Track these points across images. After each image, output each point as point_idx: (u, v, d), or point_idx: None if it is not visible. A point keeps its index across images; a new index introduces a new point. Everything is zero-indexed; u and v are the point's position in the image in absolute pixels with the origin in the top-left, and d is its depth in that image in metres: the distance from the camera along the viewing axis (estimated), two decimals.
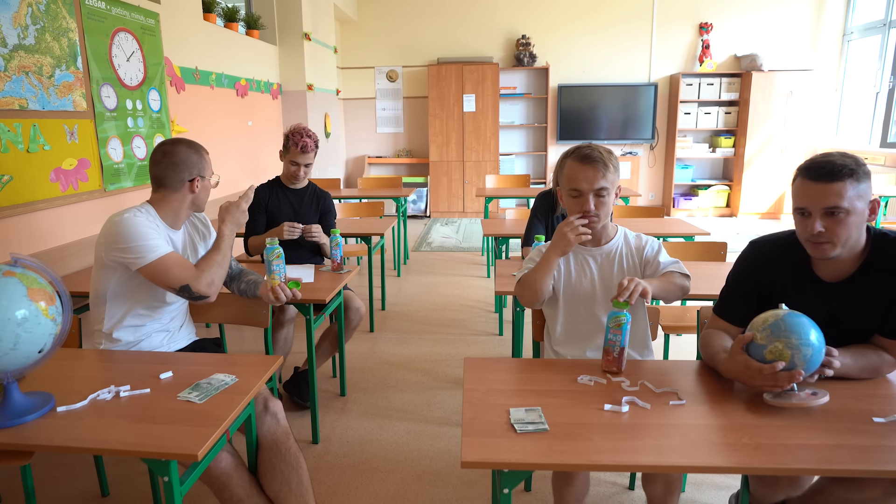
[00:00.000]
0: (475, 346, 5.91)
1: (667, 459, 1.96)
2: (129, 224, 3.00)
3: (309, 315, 3.94)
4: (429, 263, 9.26)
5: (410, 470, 3.86)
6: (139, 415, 2.28)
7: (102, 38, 5.17)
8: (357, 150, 13.69)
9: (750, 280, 2.70)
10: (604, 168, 2.84)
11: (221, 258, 3.24)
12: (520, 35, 12.69)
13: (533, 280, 2.93)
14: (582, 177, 2.86)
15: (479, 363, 2.73)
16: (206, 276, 3.14)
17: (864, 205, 2.36)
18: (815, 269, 2.55)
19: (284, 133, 4.91)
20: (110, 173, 5.24)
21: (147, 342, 3.21)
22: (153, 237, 3.03)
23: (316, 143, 4.94)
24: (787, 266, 2.61)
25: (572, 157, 2.93)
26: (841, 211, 2.32)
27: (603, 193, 2.86)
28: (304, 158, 4.89)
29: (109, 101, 5.25)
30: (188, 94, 6.76)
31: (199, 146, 3.30)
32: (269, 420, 2.86)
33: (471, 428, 2.14)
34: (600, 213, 2.89)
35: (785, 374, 2.20)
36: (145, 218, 3.08)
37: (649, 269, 3.01)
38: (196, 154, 3.24)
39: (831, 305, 2.51)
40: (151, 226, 3.08)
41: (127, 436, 2.13)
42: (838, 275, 2.51)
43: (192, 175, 3.21)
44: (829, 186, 2.32)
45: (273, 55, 9.48)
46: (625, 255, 3.05)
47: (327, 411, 4.59)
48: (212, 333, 4.43)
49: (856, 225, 2.36)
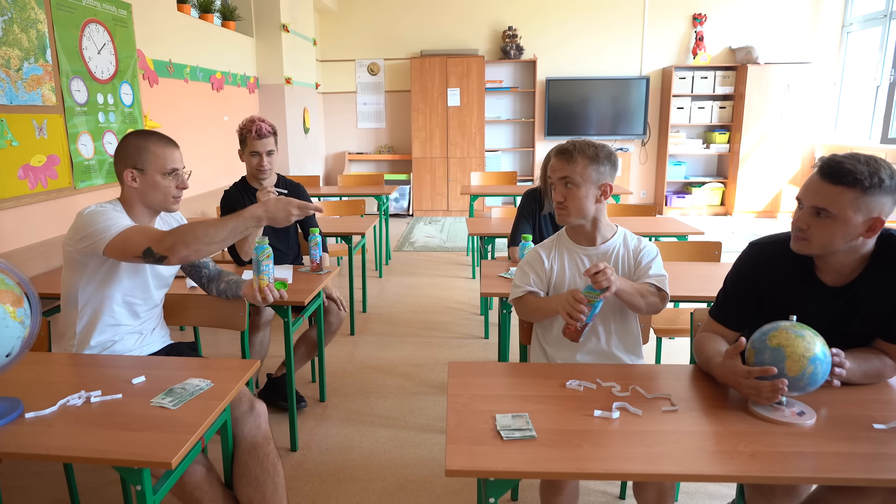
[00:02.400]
0: (460, 349, 5.92)
1: (659, 467, 1.96)
2: (92, 212, 2.98)
3: (287, 317, 3.94)
4: (411, 264, 9.26)
5: (392, 478, 3.86)
6: (111, 421, 2.26)
7: (72, 29, 5.16)
8: (337, 146, 13.68)
9: (749, 283, 2.69)
10: (569, 159, 2.92)
11: (203, 230, 2.92)
12: (506, 26, 12.69)
13: (530, 312, 3.11)
14: (552, 166, 3.01)
15: (463, 367, 2.73)
16: (171, 237, 2.89)
17: (862, 219, 2.31)
18: (818, 273, 2.53)
19: (237, 130, 4.79)
20: (81, 170, 5.22)
21: (120, 345, 3.18)
22: (116, 218, 2.98)
23: (273, 127, 4.79)
24: (789, 269, 2.59)
25: (551, 151, 3.08)
26: (827, 215, 2.32)
27: (568, 184, 2.92)
28: (263, 145, 4.70)
29: (80, 96, 5.24)
30: (161, 88, 6.74)
31: (155, 138, 3.15)
32: (251, 422, 2.86)
33: (455, 435, 2.14)
34: (568, 205, 2.94)
35: (767, 384, 2.21)
36: (111, 208, 3.06)
37: (636, 273, 3.03)
38: (134, 145, 3.11)
39: (833, 311, 2.51)
40: (116, 213, 3.03)
41: (98, 443, 2.12)
42: (841, 278, 2.50)
43: (126, 166, 3.10)
44: (827, 187, 2.31)
45: (250, 47, 9.47)
46: (621, 256, 3.06)
47: (306, 417, 4.59)
48: (186, 337, 4.41)
49: (842, 234, 2.33)
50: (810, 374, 2.17)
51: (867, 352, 2.52)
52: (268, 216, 2.98)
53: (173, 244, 2.88)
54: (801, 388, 2.21)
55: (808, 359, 2.16)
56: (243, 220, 2.95)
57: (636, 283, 2.91)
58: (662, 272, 3.01)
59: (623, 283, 2.77)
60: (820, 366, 2.18)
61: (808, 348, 2.17)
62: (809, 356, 2.16)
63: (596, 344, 3.03)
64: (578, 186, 2.91)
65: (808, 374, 2.17)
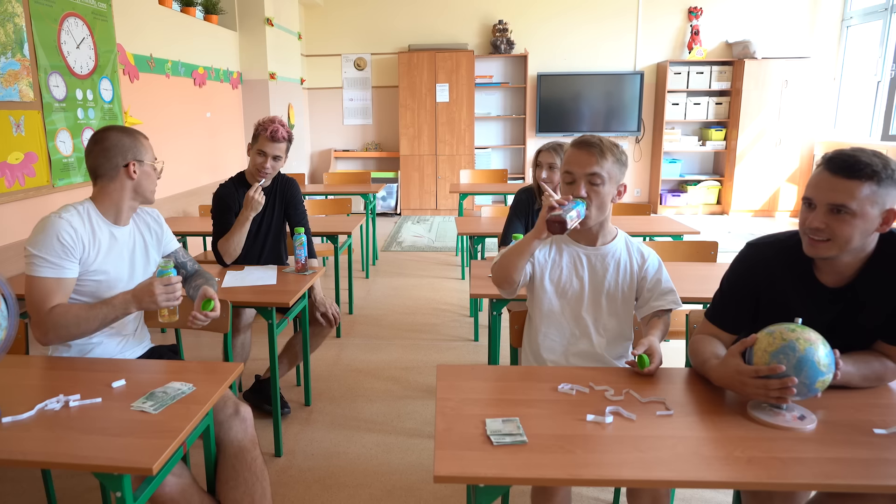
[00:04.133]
0: (449, 352, 5.93)
1: (653, 474, 1.97)
2: (46, 228, 2.94)
3: (271, 319, 3.94)
4: (399, 264, 9.26)
5: (380, 485, 3.87)
6: (90, 426, 2.26)
7: (51, 23, 5.15)
8: (323, 143, 13.66)
9: (746, 284, 2.69)
10: (600, 154, 2.84)
11: (75, 320, 2.92)
12: (496, 20, 12.68)
13: (505, 258, 2.90)
14: (576, 160, 2.87)
15: (452, 371, 2.74)
16: (47, 325, 2.90)
17: (878, 212, 2.31)
18: (818, 274, 2.54)
19: (255, 124, 4.71)
20: (59, 168, 5.21)
21: (100, 349, 3.18)
22: (57, 254, 2.93)
23: (290, 135, 4.70)
24: (788, 270, 2.59)
25: (571, 143, 2.96)
26: (847, 211, 2.29)
27: (596, 181, 2.84)
28: (272, 148, 4.61)
29: (58, 91, 5.23)
30: (142, 84, 6.73)
31: (134, 130, 3.21)
32: (237, 426, 2.86)
33: (444, 440, 2.14)
34: (593, 202, 2.86)
35: (776, 381, 2.20)
36: (72, 224, 3.00)
37: (647, 292, 3.02)
38: (129, 137, 3.16)
39: (833, 312, 2.52)
40: (72, 238, 2.98)
41: (77, 448, 2.12)
42: (841, 279, 2.50)
43: (127, 159, 3.12)
44: (842, 182, 2.29)
45: (233, 42, 9.47)
46: (622, 262, 3.04)
47: (291, 422, 4.59)
48: (167, 340, 4.40)
49: (861, 230, 2.32)
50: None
51: (867, 355, 2.52)
52: (135, 301, 2.97)
53: (46, 331, 2.91)
54: (805, 392, 2.22)
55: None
56: (114, 308, 2.97)
57: (656, 323, 2.95)
58: (671, 286, 3.03)
59: (655, 339, 2.78)
60: (828, 370, 2.20)
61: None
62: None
63: (589, 346, 3.02)
64: (604, 184, 2.86)
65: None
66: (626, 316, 3.05)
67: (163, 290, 2.93)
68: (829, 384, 2.21)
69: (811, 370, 2.16)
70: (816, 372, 2.16)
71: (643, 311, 3.03)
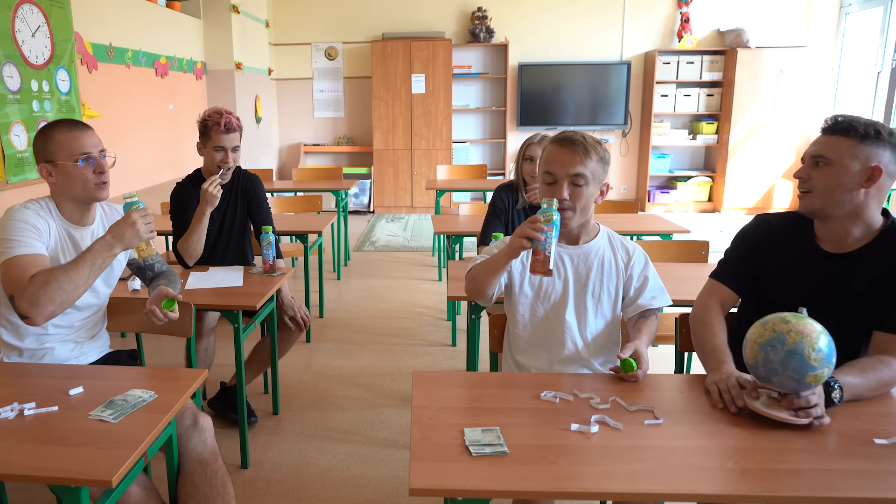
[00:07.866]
0: (425, 358, 5.94)
1: (641, 486, 1.97)
2: (13, 215, 2.97)
3: (237, 323, 3.93)
4: (372, 265, 9.26)
5: (352, 498, 3.87)
6: (46, 436, 2.25)
7: (4, 10, 5.12)
8: (291, 136, 13.64)
9: (752, 247, 2.97)
10: (584, 153, 2.84)
11: (65, 277, 2.87)
12: (475, 7, 12.65)
13: (479, 273, 2.92)
14: (558, 159, 2.87)
15: (429, 377, 2.75)
16: (32, 288, 2.83)
17: (860, 166, 2.55)
18: (820, 243, 2.78)
19: (198, 120, 4.67)
20: (13, 163, 5.19)
21: (54, 353, 3.16)
22: (26, 234, 2.94)
23: (240, 122, 4.69)
24: (792, 235, 2.86)
25: (552, 140, 2.95)
26: (824, 161, 2.61)
27: (579, 182, 2.84)
28: (229, 140, 4.58)
29: (12, 82, 5.21)
30: (101, 74, 6.71)
31: (50, 127, 3.11)
32: (196, 437, 2.86)
33: (420, 451, 2.14)
34: (575, 205, 2.87)
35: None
36: (35, 212, 3.03)
37: (633, 291, 3.03)
38: (41, 138, 3.09)
39: (827, 276, 2.71)
40: (36, 222, 3.01)
41: (32, 459, 2.11)
42: (841, 246, 2.72)
43: (38, 162, 3.09)
44: (824, 138, 2.64)
45: (197, 30, 9.44)
46: (606, 259, 3.05)
47: (258, 432, 4.58)
48: (128, 344, 4.36)
49: (840, 182, 2.58)
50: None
51: (869, 362, 2.56)
52: (116, 239, 2.94)
53: (36, 299, 2.82)
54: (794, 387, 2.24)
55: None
56: (96, 253, 2.93)
57: (644, 327, 2.96)
58: (659, 283, 3.07)
59: (641, 344, 2.79)
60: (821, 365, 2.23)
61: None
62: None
63: (573, 352, 3.02)
64: (588, 185, 2.87)
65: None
66: (612, 318, 3.05)
67: (142, 219, 2.95)
68: (825, 378, 2.24)
69: (799, 364, 2.18)
70: (805, 366, 2.18)
71: (630, 310, 3.05)
